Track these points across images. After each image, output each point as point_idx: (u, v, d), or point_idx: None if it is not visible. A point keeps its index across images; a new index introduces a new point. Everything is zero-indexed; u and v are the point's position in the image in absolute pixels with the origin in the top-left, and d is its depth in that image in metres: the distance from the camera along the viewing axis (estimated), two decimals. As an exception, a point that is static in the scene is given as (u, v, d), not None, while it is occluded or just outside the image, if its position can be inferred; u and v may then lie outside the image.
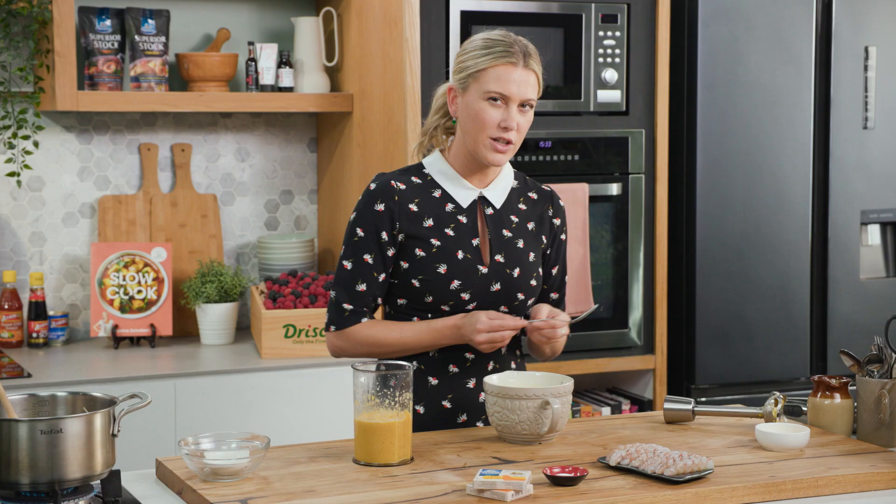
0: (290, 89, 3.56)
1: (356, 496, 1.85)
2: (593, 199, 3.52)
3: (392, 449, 2.01)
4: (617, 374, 3.81)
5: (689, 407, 2.32)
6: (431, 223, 2.27)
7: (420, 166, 2.33)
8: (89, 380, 3.03)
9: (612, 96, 3.55)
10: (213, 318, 3.43)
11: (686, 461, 1.94)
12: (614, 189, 3.56)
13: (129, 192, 3.59)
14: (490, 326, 2.19)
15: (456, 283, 2.25)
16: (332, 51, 3.66)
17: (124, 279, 3.44)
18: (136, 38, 3.42)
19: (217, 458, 1.92)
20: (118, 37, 3.43)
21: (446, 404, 2.29)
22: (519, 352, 2.40)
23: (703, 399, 3.56)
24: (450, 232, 2.27)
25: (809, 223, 3.69)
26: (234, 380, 3.16)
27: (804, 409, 2.36)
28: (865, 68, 3.70)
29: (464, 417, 2.30)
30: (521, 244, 2.32)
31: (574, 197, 3.47)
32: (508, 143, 2.23)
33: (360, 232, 2.27)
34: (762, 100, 3.62)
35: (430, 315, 2.28)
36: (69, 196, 3.53)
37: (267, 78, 3.54)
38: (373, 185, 2.29)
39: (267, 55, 3.53)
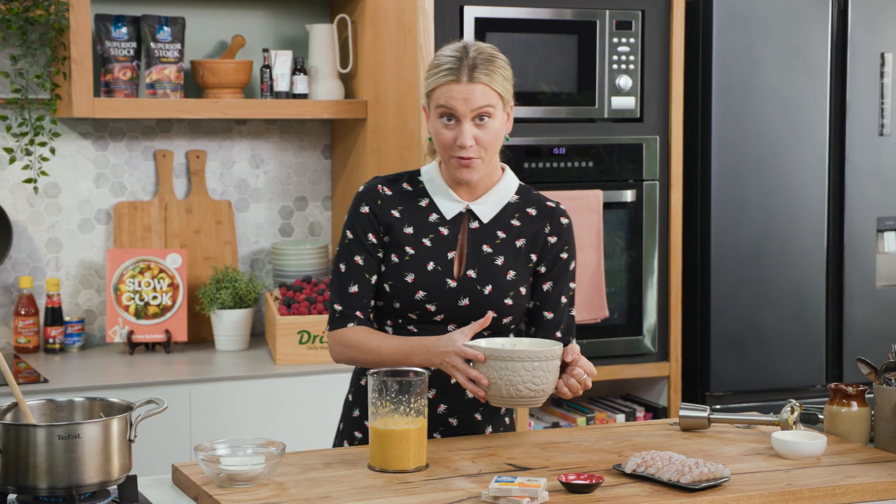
0: (304, 96, 3.57)
1: (372, 502, 1.85)
2: (607, 206, 3.52)
3: (407, 455, 2.01)
4: (631, 381, 3.80)
5: (705, 414, 2.31)
6: (411, 231, 2.26)
7: (416, 173, 2.32)
8: (105, 385, 3.04)
9: (626, 103, 3.54)
10: (228, 324, 3.44)
11: (702, 469, 1.93)
12: (628, 196, 3.55)
13: (144, 198, 3.61)
14: (464, 354, 2.10)
15: (421, 294, 2.23)
16: (346, 57, 3.67)
17: (140, 285, 3.45)
18: (152, 45, 3.44)
19: (233, 464, 1.93)
20: (134, 44, 3.44)
21: None
22: None
23: (718, 406, 3.55)
24: (427, 242, 2.25)
25: (825, 230, 3.68)
26: (248, 386, 3.17)
27: (821, 417, 2.35)
28: (881, 74, 3.69)
29: None
30: (499, 261, 2.26)
31: (588, 204, 3.47)
32: (471, 158, 2.20)
33: (349, 234, 2.27)
34: (777, 106, 3.61)
35: (399, 321, 2.27)
36: (85, 202, 3.55)
37: (281, 85, 3.55)
38: (361, 188, 2.30)
39: (281, 62, 3.54)
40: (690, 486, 1.91)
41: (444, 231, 2.27)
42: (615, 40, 3.51)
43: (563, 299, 2.33)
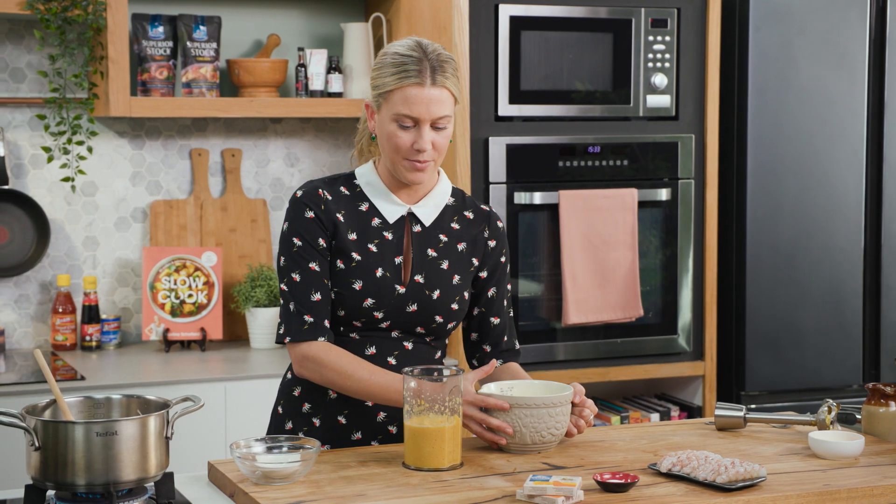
0: (339, 95, 3.58)
1: (406, 501, 1.86)
2: (642, 205, 3.50)
3: (442, 454, 2.01)
4: (665, 380, 3.78)
5: (741, 414, 2.30)
6: (355, 237, 2.18)
7: (351, 176, 2.23)
8: (141, 383, 3.06)
9: (661, 101, 3.53)
10: (263, 322, 3.45)
11: (738, 468, 1.92)
12: (663, 194, 3.54)
13: (180, 196, 3.63)
14: (475, 401, 2.07)
15: (369, 302, 2.15)
16: (381, 56, 3.67)
17: (175, 283, 3.47)
18: (188, 44, 3.46)
19: (269, 462, 1.93)
20: (170, 43, 3.47)
21: (341, 419, 2.20)
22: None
23: (753, 406, 3.52)
24: (373, 248, 2.18)
25: (862, 228, 3.65)
26: (283, 383, 3.17)
27: (858, 416, 2.33)
28: (920, 72, 3.65)
29: (358, 435, 2.21)
30: (445, 265, 2.21)
31: (623, 202, 3.45)
32: (426, 162, 2.14)
33: (297, 241, 2.16)
34: (814, 104, 3.58)
35: (341, 328, 2.18)
36: (122, 201, 3.58)
37: (316, 83, 3.56)
38: (299, 193, 2.20)
39: (316, 61, 3.56)
40: (726, 486, 1.90)
41: (389, 235, 2.19)
42: (650, 38, 3.50)
43: (505, 303, 2.31)
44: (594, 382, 3.58)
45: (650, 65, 3.51)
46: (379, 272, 2.17)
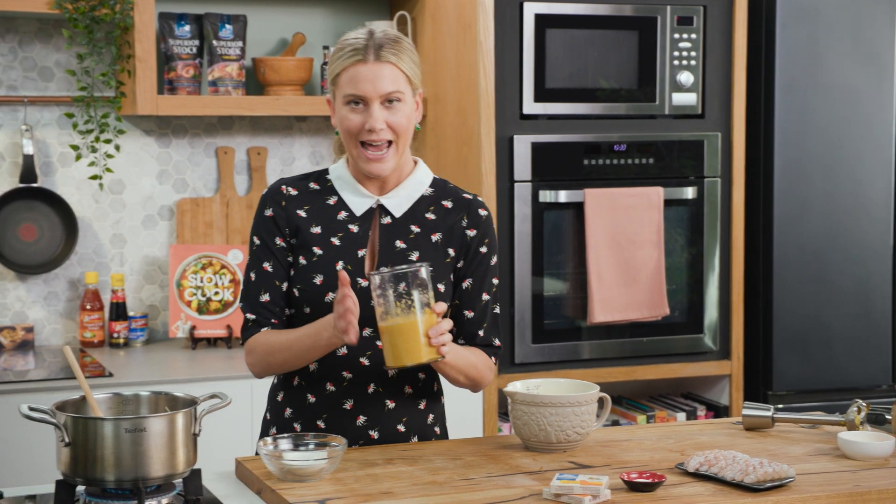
0: (364, 93, 3.58)
1: (432, 499, 1.86)
2: (668, 203, 3.49)
3: (418, 347, 1.97)
4: (691, 379, 3.77)
5: (769, 413, 2.28)
6: (319, 231, 2.14)
7: (325, 172, 2.21)
8: (168, 380, 3.08)
9: (687, 99, 3.51)
10: (289, 319, 3.46)
11: (766, 468, 1.91)
12: (689, 193, 3.52)
13: (206, 194, 3.64)
14: (339, 297, 1.97)
15: (331, 296, 2.10)
16: (406, 55, 3.67)
17: (202, 281, 3.49)
18: (214, 42, 3.47)
19: (295, 459, 1.94)
20: (196, 42, 3.48)
21: (321, 424, 2.16)
22: (422, 375, 2.19)
23: (781, 406, 3.51)
24: (336, 241, 2.14)
25: (891, 227, 3.62)
26: (309, 381, 3.18)
27: (888, 417, 2.31)
28: (949, 69, 3.62)
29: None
30: (414, 257, 2.14)
31: (649, 201, 3.44)
32: (381, 146, 2.09)
33: (256, 240, 2.17)
34: (842, 102, 3.56)
35: None
36: (148, 199, 3.59)
37: (342, 82, 3.56)
38: (265, 191, 2.19)
39: (342, 59, 3.56)
40: (755, 486, 1.89)
41: (354, 228, 2.15)
42: (676, 36, 3.48)
43: (485, 296, 2.20)
44: (620, 381, 3.57)
45: (676, 62, 3.49)
46: (340, 265, 2.12)
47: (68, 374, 3.06)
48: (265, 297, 2.14)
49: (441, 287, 2.15)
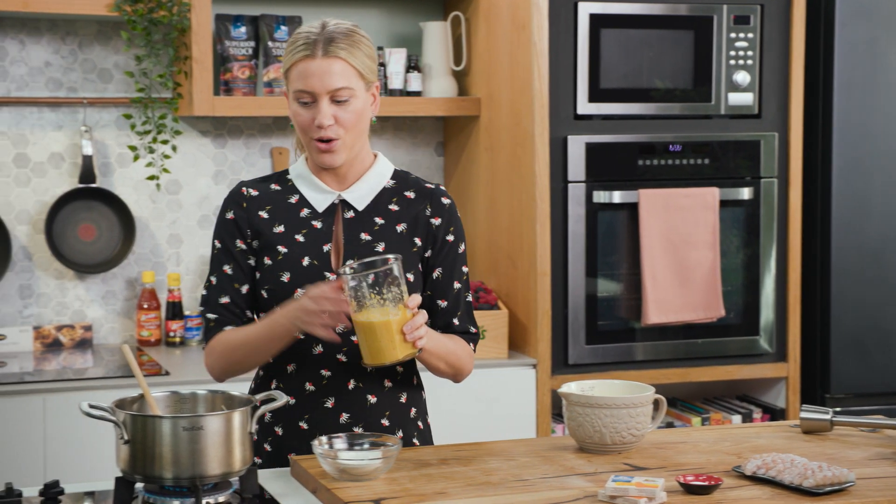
0: (418, 94, 3.59)
1: (487, 499, 1.85)
2: (723, 204, 3.46)
3: (394, 345, 1.97)
4: (747, 381, 3.73)
5: (828, 417, 2.25)
6: (282, 229, 2.13)
7: (286, 172, 2.20)
8: (223, 378, 3.10)
9: (743, 99, 3.48)
10: (342, 319, 3.47)
11: (826, 472, 1.88)
12: (745, 193, 3.49)
13: (261, 195, 3.67)
14: (312, 294, 1.97)
15: (300, 292, 2.08)
16: (459, 55, 3.68)
17: (257, 280, 3.51)
18: (270, 44, 3.50)
19: (350, 458, 1.95)
20: (252, 43, 3.51)
21: (303, 425, 2.14)
22: (400, 368, 2.17)
23: (839, 409, 3.46)
24: (300, 238, 2.12)
25: (953, 228, 3.56)
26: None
27: (949, 421, 2.28)
28: None
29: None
30: (380, 248, 2.13)
31: (704, 201, 3.42)
32: (331, 140, 2.07)
33: (217, 243, 2.16)
34: (902, 101, 3.51)
35: None
36: (204, 199, 3.63)
37: (395, 82, 3.58)
38: (227, 194, 2.19)
39: (395, 60, 3.57)
40: (813, 490, 1.86)
41: (318, 224, 2.14)
42: (733, 35, 3.45)
43: (457, 285, 2.19)
44: (674, 383, 3.54)
45: (732, 62, 3.46)
46: (306, 261, 2.11)
47: (126, 373, 3.09)
48: (225, 300, 2.14)
49: (410, 277, 2.13)
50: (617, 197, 3.38)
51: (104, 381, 3.03)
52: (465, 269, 2.21)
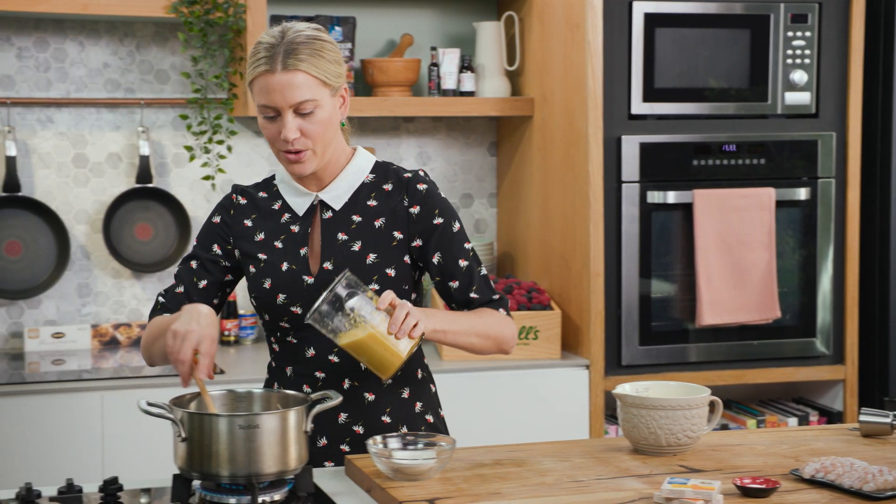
0: (471, 94, 3.59)
1: (542, 500, 1.85)
2: (780, 204, 3.43)
3: (392, 350, 1.94)
4: (803, 383, 3.69)
5: (888, 420, 2.22)
6: (263, 237, 2.14)
7: (272, 178, 2.19)
8: (277, 377, 3.12)
9: (800, 98, 3.44)
10: (395, 319, 3.48)
11: (887, 477, 1.86)
12: (802, 194, 3.45)
13: (315, 195, 3.69)
14: (175, 330, 1.92)
15: (282, 297, 2.09)
16: (513, 55, 3.67)
17: (310, 280, 3.53)
18: (324, 45, 3.51)
19: (404, 458, 1.95)
20: (307, 44, 3.53)
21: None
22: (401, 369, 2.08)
23: (897, 412, 3.42)
24: (278, 244, 2.12)
25: None
26: (415, 380, 3.20)
27: None
28: None
29: (323, 441, 2.13)
30: (356, 247, 2.10)
31: (760, 202, 3.38)
32: (300, 151, 2.04)
33: (195, 241, 2.20)
34: (964, 100, 3.45)
35: (278, 334, 2.14)
36: (259, 199, 3.65)
37: (449, 83, 3.58)
38: (222, 197, 2.18)
39: (449, 60, 3.57)
40: (874, 495, 1.84)
41: (296, 228, 2.13)
42: (790, 34, 3.41)
43: (462, 262, 2.14)
44: (729, 385, 3.51)
45: (789, 61, 3.42)
46: (284, 266, 2.11)
47: (182, 371, 3.12)
48: (180, 289, 2.15)
49: (391, 272, 2.11)
50: (671, 197, 3.35)
51: (161, 378, 3.07)
52: (467, 245, 2.16)
